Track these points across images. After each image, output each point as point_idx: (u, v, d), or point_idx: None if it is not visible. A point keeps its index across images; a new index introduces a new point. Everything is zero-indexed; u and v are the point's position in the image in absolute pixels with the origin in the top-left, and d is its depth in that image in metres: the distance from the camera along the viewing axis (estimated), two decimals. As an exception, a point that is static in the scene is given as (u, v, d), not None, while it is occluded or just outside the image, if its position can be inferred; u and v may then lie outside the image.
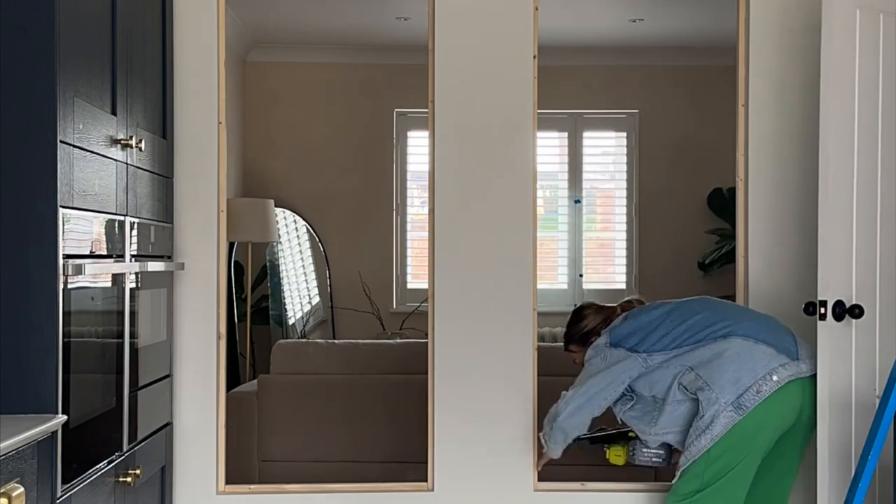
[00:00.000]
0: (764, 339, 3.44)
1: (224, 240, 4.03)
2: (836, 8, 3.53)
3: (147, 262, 3.42)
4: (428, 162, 4.07)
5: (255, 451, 4.80)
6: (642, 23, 6.85)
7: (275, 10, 6.68)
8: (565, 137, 7.80)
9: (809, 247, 3.81)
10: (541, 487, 4.03)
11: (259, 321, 7.13)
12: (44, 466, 2.55)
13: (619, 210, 7.86)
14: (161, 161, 3.68)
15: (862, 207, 3.61)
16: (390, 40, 7.11)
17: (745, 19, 4.08)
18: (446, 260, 4.03)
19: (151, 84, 3.60)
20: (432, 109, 4.05)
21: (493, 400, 4.03)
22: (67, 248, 2.72)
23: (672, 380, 3.45)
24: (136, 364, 3.37)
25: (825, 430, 3.50)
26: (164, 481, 3.81)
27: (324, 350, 5.04)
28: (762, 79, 4.05)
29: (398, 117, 7.66)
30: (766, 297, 4.02)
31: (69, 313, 2.74)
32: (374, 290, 7.32)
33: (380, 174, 7.62)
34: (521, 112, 4.05)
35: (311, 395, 4.87)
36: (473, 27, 4.06)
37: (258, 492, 4.07)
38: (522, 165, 4.05)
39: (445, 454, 4.01)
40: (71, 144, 2.74)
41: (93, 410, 2.96)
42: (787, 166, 4.05)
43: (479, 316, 4.03)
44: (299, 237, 7.60)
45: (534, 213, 4.06)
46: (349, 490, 4.07)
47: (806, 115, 3.95)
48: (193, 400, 3.97)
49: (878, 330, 3.61)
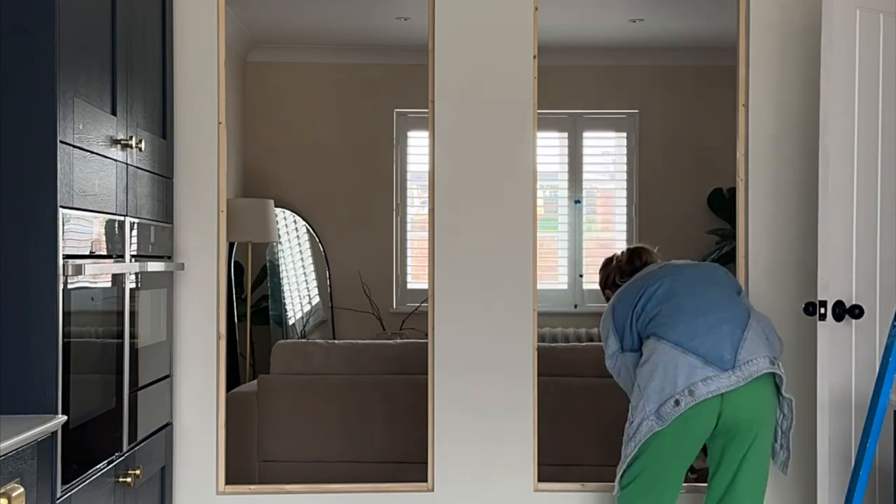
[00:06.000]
0: (694, 349, 3.35)
1: (224, 240, 4.03)
2: (836, 8, 3.53)
3: (147, 263, 3.42)
4: (428, 162, 4.07)
5: (255, 451, 4.80)
6: (642, 23, 6.85)
7: (275, 10, 6.68)
8: (565, 137, 7.80)
9: (809, 247, 3.81)
10: (541, 487, 4.03)
11: (259, 321, 7.13)
12: (44, 467, 2.55)
13: (619, 210, 7.85)
14: (161, 161, 3.68)
15: (862, 207, 3.61)
16: (390, 40, 7.11)
17: (745, 19, 4.08)
18: (446, 260, 4.03)
19: (151, 84, 3.60)
20: (432, 109, 4.05)
21: (493, 400, 4.03)
22: (67, 249, 2.72)
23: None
24: (136, 364, 3.37)
25: (825, 430, 3.50)
26: (164, 481, 3.81)
27: (324, 350, 5.04)
28: (762, 79, 4.05)
29: (398, 117, 7.66)
30: (766, 297, 4.03)
31: (69, 313, 2.74)
32: (374, 291, 7.32)
33: (380, 174, 7.62)
34: (521, 112, 4.05)
35: (311, 395, 4.87)
36: (473, 27, 4.06)
37: (258, 492, 4.07)
38: (522, 165, 4.05)
39: (445, 454, 4.01)
40: (71, 144, 2.74)
41: (93, 410, 2.96)
42: (787, 166, 4.05)
43: (479, 316, 4.03)
44: (299, 237, 7.60)
45: (534, 213, 4.06)
46: (349, 490, 4.07)
47: (806, 114, 3.95)
48: (193, 400, 3.97)
49: (878, 330, 3.61)
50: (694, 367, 3.32)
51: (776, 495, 4.01)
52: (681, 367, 3.33)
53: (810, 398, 3.69)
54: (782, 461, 3.52)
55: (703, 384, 3.30)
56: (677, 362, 3.34)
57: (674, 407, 3.30)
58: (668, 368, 3.34)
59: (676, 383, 3.31)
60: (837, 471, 3.50)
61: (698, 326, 3.39)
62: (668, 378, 3.33)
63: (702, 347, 3.35)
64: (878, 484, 3.51)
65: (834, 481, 3.50)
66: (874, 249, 3.65)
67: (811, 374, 3.64)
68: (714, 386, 3.30)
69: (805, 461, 3.90)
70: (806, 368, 3.82)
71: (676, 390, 3.30)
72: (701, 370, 3.31)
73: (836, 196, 3.54)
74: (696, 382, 3.30)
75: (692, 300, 3.49)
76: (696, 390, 3.30)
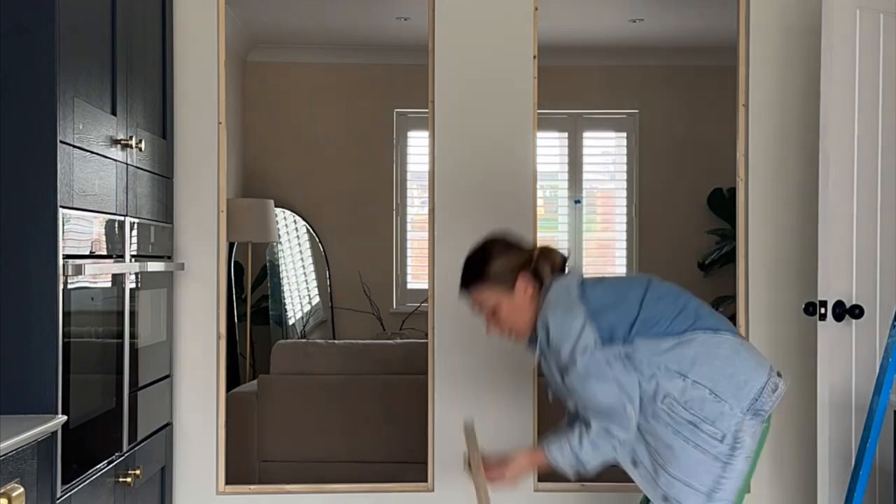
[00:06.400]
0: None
1: (224, 240, 4.03)
2: (836, 8, 3.53)
3: (147, 263, 3.42)
4: (428, 162, 4.07)
5: (255, 451, 4.80)
6: (642, 23, 6.84)
7: (275, 10, 6.68)
8: (565, 137, 7.79)
9: (809, 247, 3.81)
10: (541, 487, 4.03)
11: (259, 321, 7.13)
12: (44, 467, 2.55)
13: (619, 210, 7.85)
14: (161, 161, 3.68)
15: (862, 208, 3.61)
16: (390, 40, 7.10)
17: (745, 19, 4.08)
18: (446, 260, 4.03)
19: (151, 84, 3.60)
20: (432, 109, 4.05)
21: (493, 400, 4.03)
22: (67, 249, 2.72)
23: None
24: (136, 364, 3.36)
25: (825, 430, 3.50)
26: (164, 481, 3.81)
27: (324, 350, 5.04)
28: (762, 79, 4.05)
29: (398, 117, 7.66)
30: (766, 297, 4.03)
31: (69, 313, 2.74)
32: (374, 291, 7.31)
33: (380, 174, 7.61)
34: (521, 112, 4.05)
35: (311, 395, 4.87)
36: (473, 27, 4.06)
37: (258, 492, 4.07)
38: (522, 165, 4.05)
39: (445, 454, 4.01)
40: (71, 144, 2.74)
41: (93, 410, 2.96)
42: (787, 166, 4.04)
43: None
44: (299, 237, 7.59)
45: (534, 213, 4.06)
46: (349, 490, 4.07)
47: (806, 114, 3.95)
48: (193, 400, 3.97)
49: (878, 330, 3.61)
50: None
51: (776, 495, 4.01)
52: (746, 352, 2.84)
53: (810, 398, 3.69)
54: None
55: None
56: (738, 349, 2.83)
57: (772, 393, 2.80)
58: (737, 354, 2.81)
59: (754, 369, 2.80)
60: (837, 471, 3.50)
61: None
62: (741, 366, 2.79)
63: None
64: (878, 484, 3.51)
65: (834, 481, 3.50)
66: (874, 249, 3.65)
67: (811, 375, 3.64)
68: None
69: (805, 461, 3.90)
70: (806, 368, 3.82)
71: (762, 377, 2.79)
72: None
73: (836, 196, 3.54)
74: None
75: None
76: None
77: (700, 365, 2.78)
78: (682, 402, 2.77)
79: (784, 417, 4.00)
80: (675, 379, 2.77)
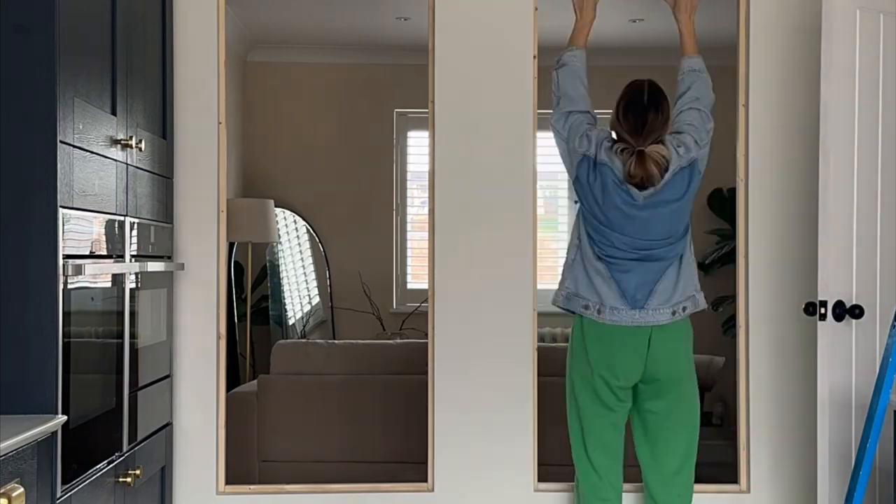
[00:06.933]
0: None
1: (224, 240, 4.03)
2: (836, 8, 3.53)
3: (147, 263, 3.42)
4: (428, 162, 4.07)
5: (255, 451, 4.80)
6: (642, 23, 6.84)
7: (275, 10, 6.68)
8: (565, 137, 7.79)
9: (809, 247, 3.81)
10: (541, 487, 4.03)
11: (259, 321, 7.13)
12: (44, 467, 2.55)
13: (619, 210, 7.84)
14: (161, 161, 3.68)
15: (862, 207, 3.61)
16: (390, 40, 7.10)
17: (745, 19, 4.08)
18: (446, 260, 4.03)
19: (151, 84, 3.60)
20: (432, 109, 4.05)
21: (493, 400, 4.03)
22: (67, 249, 2.72)
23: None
24: (136, 364, 3.37)
25: (825, 430, 3.50)
26: (164, 481, 3.81)
27: (324, 350, 5.04)
28: (762, 79, 4.05)
29: (398, 117, 7.66)
30: (766, 297, 4.03)
31: (69, 313, 2.74)
32: (374, 291, 7.31)
33: (380, 174, 7.61)
34: (521, 112, 4.05)
35: (311, 395, 4.87)
36: (473, 27, 4.06)
37: (258, 492, 4.07)
38: (522, 165, 4.05)
39: (445, 454, 4.01)
40: (71, 144, 2.74)
41: (93, 411, 2.96)
42: (787, 166, 4.04)
43: (479, 316, 4.03)
44: (299, 237, 7.59)
45: (534, 213, 4.06)
46: (349, 490, 4.07)
47: (806, 114, 3.95)
48: (193, 400, 3.97)
49: (878, 330, 3.61)
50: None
51: (776, 495, 4.01)
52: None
53: (810, 398, 3.69)
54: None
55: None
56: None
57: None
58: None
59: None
60: (837, 471, 3.50)
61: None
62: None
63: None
64: (878, 484, 3.51)
65: (834, 481, 3.50)
66: (874, 249, 3.65)
67: (811, 374, 3.64)
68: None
69: (805, 461, 3.90)
70: (806, 368, 3.83)
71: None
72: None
73: (836, 196, 3.54)
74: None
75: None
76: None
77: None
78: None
79: (784, 417, 4.01)
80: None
